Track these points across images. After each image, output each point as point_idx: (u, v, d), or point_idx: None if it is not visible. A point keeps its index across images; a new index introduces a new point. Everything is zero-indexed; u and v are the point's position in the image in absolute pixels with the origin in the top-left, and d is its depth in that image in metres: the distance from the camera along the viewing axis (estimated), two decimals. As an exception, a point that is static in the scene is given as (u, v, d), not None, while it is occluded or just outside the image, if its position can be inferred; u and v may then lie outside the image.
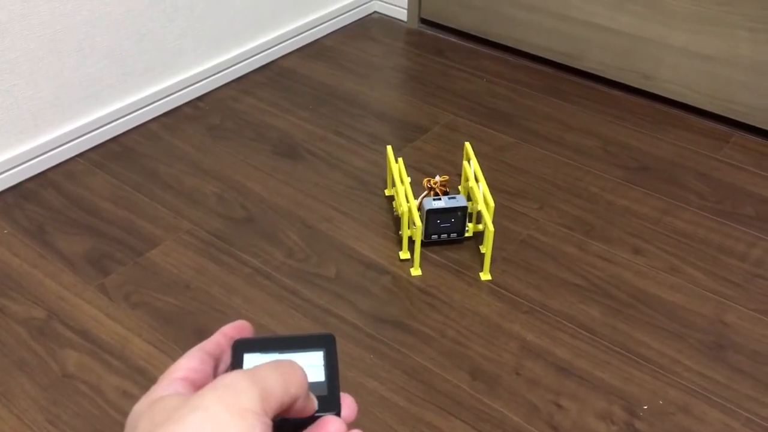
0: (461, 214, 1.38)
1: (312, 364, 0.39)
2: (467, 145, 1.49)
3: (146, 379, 1.19)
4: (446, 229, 1.40)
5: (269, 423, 0.33)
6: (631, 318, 1.30)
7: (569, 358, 1.23)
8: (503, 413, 1.14)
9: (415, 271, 1.38)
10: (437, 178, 1.47)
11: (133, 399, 1.16)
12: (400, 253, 1.41)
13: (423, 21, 2.22)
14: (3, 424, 1.13)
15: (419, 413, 1.14)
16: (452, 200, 1.39)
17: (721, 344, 1.25)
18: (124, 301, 1.33)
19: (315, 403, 0.37)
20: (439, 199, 1.39)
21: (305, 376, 0.36)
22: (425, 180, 1.47)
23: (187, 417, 0.32)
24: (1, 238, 1.46)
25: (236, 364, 0.38)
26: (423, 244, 1.40)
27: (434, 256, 1.42)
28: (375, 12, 2.30)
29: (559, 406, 1.15)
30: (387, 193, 1.56)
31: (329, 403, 0.38)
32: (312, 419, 0.37)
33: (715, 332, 1.27)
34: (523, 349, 1.24)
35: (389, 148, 1.51)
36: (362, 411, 1.15)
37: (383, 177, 1.61)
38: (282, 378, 0.34)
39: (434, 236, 1.41)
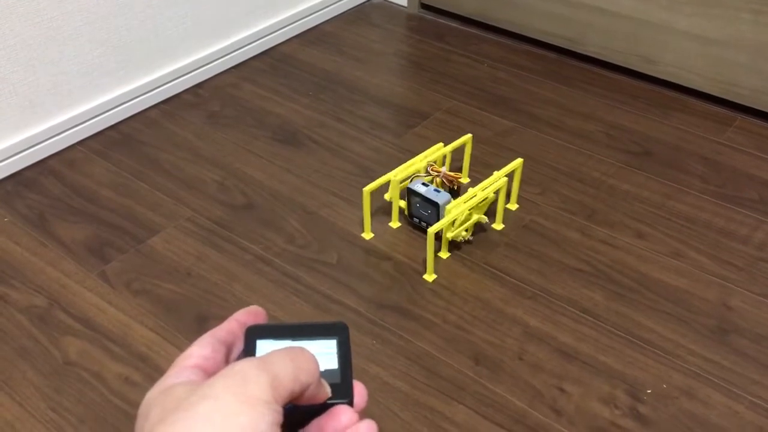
0: (435, 210, 1.36)
1: (325, 352, 0.39)
2: (519, 161, 1.43)
3: (148, 366, 1.19)
4: (424, 218, 1.39)
5: (279, 411, 0.33)
6: (634, 302, 1.29)
7: (572, 342, 1.22)
8: (506, 398, 1.14)
9: (366, 235, 1.42)
10: (444, 170, 1.44)
11: (135, 386, 1.16)
12: (391, 223, 1.45)
13: (423, 6, 2.21)
14: (5, 412, 1.12)
15: (422, 398, 1.14)
16: (435, 192, 1.36)
17: (724, 328, 1.25)
18: (126, 289, 1.32)
19: (328, 390, 0.37)
20: (427, 185, 1.38)
21: (317, 363, 0.36)
22: (428, 163, 1.45)
23: (197, 405, 0.31)
24: (2, 226, 1.46)
25: (249, 350, 0.38)
26: (412, 225, 1.44)
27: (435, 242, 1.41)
28: (375, -3, 2.28)
29: (562, 390, 1.15)
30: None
31: (342, 390, 0.38)
32: (324, 407, 0.37)
33: (719, 316, 1.27)
34: (526, 334, 1.24)
35: (464, 140, 1.53)
36: (365, 396, 1.14)
37: (384, 163, 1.61)
38: (293, 365, 0.34)
39: (415, 219, 1.41)
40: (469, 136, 1.49)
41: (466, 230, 1.36)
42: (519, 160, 1.42)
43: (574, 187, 1.54)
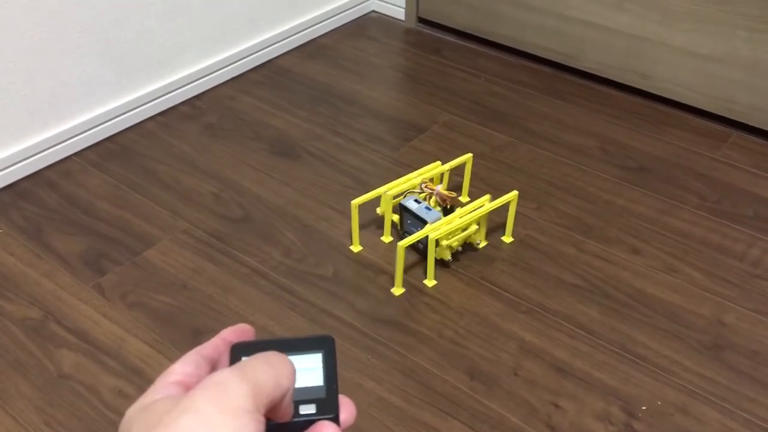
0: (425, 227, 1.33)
1: (310, 367, 0.38)
2: (515, 194, 1.39)
3: (142, 380, 1.18)
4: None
5: (262, 420, 0.32)
6: (629, 318, 1.29)
7: (567, 358, 1.22)
8: (501, 414, 1.14)
9: (355, 247, 1.42)
10: (438, 188, 1.41)
11: (129, 399, 1.15)
12: (383, 237, 1.45)
13: (421, 20, 2.22)
14: (-2, 425, 1.12)
15: (417, 414, 1.14)
16: (426, 210, 1.35)
17: (719, 344, 1.25)
18: (121, 301, 1.32)
19: (292, 408, 0.36)
20: (420, 202, 1.37)
21: (293, 367, 0.35)
22: (422, 180, 1.45)
23: (178, 420, 0.31)
24: (-3, 237, 1.45)
25: None
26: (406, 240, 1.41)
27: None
28: (373, 11, 2.29)
29: (557, 406, 1.15)
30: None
31: (327, 406, 0.37)
32: (308, 424, 0.36)
33: (714, 332, 1.27)
34: (522, 350, 1.24)
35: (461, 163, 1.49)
36: (360, 411, 1.14)
37: (381, 176, 1.61)
38: (273, 371, 0.34)
39: (407, 234, 1.40)
40: (469, 155, 1.49)
41: (451, 247, 1.35)
42: (514, 193, 1.39)
43: (569, 203, 1.55)
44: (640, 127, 1.78)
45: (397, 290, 1.33)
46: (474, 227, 1.35)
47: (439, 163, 1.48)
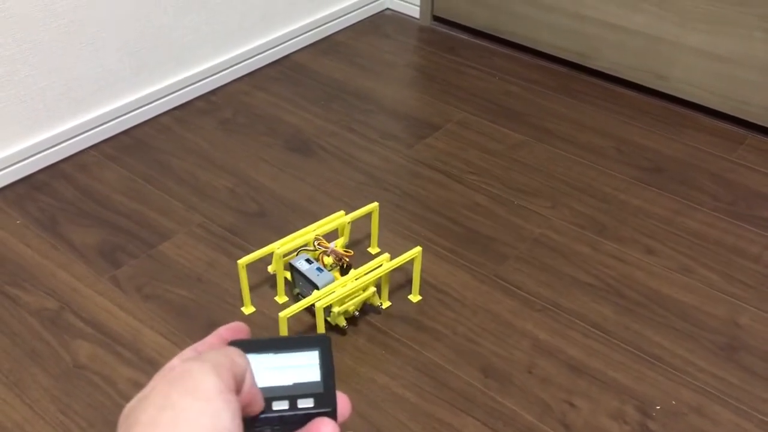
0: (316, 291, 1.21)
1: (308, 364, 0.39)
2: (419, 250, 1.26)
3: (157, 371, 1.19)
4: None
5: (234, 400, 0.34)
6: (643, 318, 1.29)
7: (582, 357, 1.22)
8: (515, 411, 1.14)
9: (247, 309, 1.29)
10: (333, 245, 1.28)
11: (145, 391, 1.16)
12: (276, 297, 1.32)
13: (436, 18, 2.22)
14: (15, 414, 1.13)
15: (431, 410, 1.14)
16: (317, 272, 1.23)
17: (734, 345, 1.25)
18: (136, 293, 1.32)
19: (261, 400, 0.37)
20: (312, 263, 1.25)
21: (245, 355, 0.36)
22: (315, 237, 1.30)
23: (158, 418, 0.32)
24: (14, 228, 1.46)
25: None
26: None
27: (446, 253, 1.41)
28: (387, 9, 2.29)
29: (571, 405, 1.15)
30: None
31: (325, 400, 0.38)
32: (307, 418, 0.38)
33: (728, 333, 1.27)
34: (536, 348, 1.24)
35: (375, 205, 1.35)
36: (373, 406, 1.14)
37: (395, 173, 1.61)
38: (224, 352, 0.35)
39: (299, 295, 1.29)
40: (375, 204, 1.36)
41: (347, 319, 1.25)
42: (417, 249, 1.25)
43: (584, 202, 1.54)
44: (656, 127, 1.78)
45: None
46: (371, 290, 1.24)
47: (342, 213, 1.35)
